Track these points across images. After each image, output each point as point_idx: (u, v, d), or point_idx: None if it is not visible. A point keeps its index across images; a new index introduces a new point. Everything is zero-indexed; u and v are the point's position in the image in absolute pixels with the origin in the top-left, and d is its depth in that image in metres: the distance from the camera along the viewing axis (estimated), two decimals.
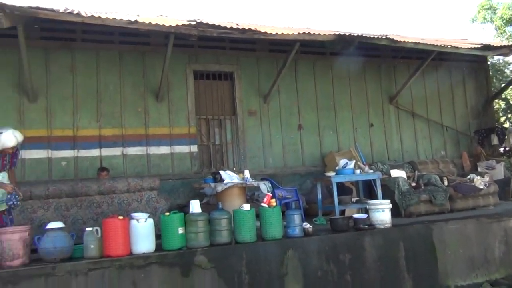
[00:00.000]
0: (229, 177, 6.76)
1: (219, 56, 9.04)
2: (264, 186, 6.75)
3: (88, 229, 5.04)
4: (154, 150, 8.38)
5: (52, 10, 5.39)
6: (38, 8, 5.31)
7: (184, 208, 7.39)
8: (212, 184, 6.67)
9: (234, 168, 8.41)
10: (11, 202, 4.84)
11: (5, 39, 7.43)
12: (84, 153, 7.95)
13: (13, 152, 5.01)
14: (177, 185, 8.40)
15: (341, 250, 5.69)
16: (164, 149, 8.44)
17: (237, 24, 6.43)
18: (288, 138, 9.37)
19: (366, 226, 5.96)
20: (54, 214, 5.71)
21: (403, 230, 6.12)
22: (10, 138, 4.81)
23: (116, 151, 8.15)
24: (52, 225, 4.89)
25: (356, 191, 8.05)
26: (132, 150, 8.24)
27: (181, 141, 8.57)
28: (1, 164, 4.92)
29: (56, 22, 7.21)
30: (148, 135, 8.36)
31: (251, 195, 8.03)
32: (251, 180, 6.81)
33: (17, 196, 4.91)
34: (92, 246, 4.91)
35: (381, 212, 6.03)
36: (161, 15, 7.06)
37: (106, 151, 8.07)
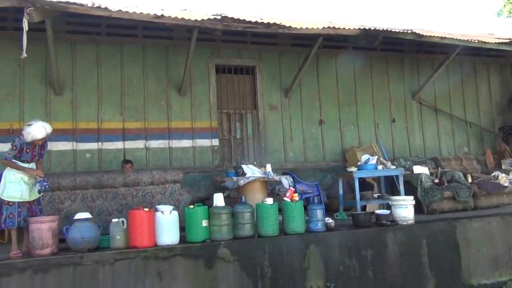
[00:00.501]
0: (251, 171, 6.80)
1: (241, 50, 9.05)
2: (286, 181, 6.76)
3: (114, 220, 5.14)
4: (176, 143, 8.47)
5: (81, 5, 5.49)
6: (67, 2, 5.42)
7: (205, 201, 7.48)
8: (234, 178, 6.72)
9: (255, 162, 8.45)
10: (43, 187, 4.95)
11: (32, 33, 7.49)
12: (108, 145, 8.08)
13: (42, 143, 5.13)
14: (198, 178, 8.48)
15: (363, 245, 5.69)
16: (186, 143, 8.52)
17: (261, 19, 6.42)
18: (309, 132, 9.36)
19: (389, 222, 5.94)
20: (81, 205, 5.84)
21: (426, 227, 6.09)
22: (39, 130, 4.93)
23: (139, 144, 8.26)
24: (80, 215, 5.01)
25: (377, 187, 8.00)
26: (155, 143, 8.34)
27: (202, 135, 8.64)
28: (31, 155, 5.04)
29: (82, 16, 7.34)
30: (171, 129, 8.45)
31: (272, 189, 8.05)
32: (273, 174, 6.84)
33: (47, 181, 5.02)
34: (118, 237, 5.02)
35: (404, 208, 6.01)
36: (185, 9, 7.11)
37: (130, 144, 8.19)
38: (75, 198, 5.83)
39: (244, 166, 6.85)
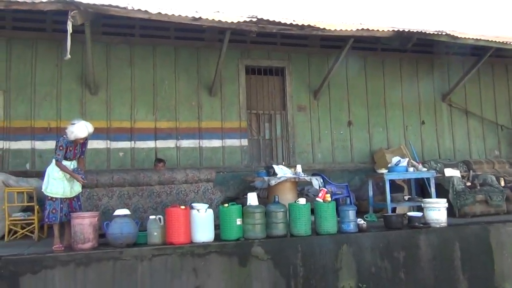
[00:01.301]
0: (282, 171, 6.87)
1: (270, 51, 9.13)
2: (316, 181, 6.81)
3: (151, 217, 5.29)
4: (206, 143, 8.60)
5: (123, 8, 5.65)
6: (109, 5, 5.59)
7: (234, 201, 7.59)
8: (266, 178, 6.80)
9: (283, 163, 8.50)
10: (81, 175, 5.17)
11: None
12: (140, 144, 8.27)
13: (83, 142, 5.32)
14: (228, 178, 8.58)
15: (395, 247, 5.70)
16: (216, 143, 8.65)
17: (294, 20, 6.48)
18: (337, 134, 9.37)
19: (421, 225, 5.92)
20: (117, 201, 6.00)
21: (459, 230, 6.06)
22: (82, 129, 5.11)
23: (170, 143, 8.42)
24: (119, 212, 5.17)
25: (407, 189, 7.97)
26: (186, 143, 8.49)
27: (232, 135, 8.75)
28: (73, 153, 5.23)
29: (118, 18, 7.53)
30: (201, 129, 8.58)
31: (301, 190, 8.09)
32: (303, 175, 6.89)
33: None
34: (155, 233, 5.16)
35: (437, 211, 5.99)
36: (218, 11, 7.22)
37: (161, 143, 8.36)
38: (112, 195, 6.00)
39: (275, 166, 6.93)
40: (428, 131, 9.94)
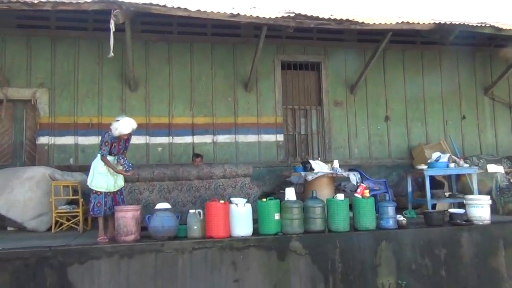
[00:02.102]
0: (319, 166, 6.85)
1: (306, 46, 9.10)
2: (354, 177, 6.75)
3: (191, 211, 5.39)
4: (242, 138, 8.67)
5: (164, 6, 5.77)
6: (151, 4, 5.72)
7: (270, 195, 7.62)
8: (303, 173, 6.79)
9: (319, 158, 8.48)
10: (128, 168, 5.32)
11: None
12: (178, 139, 8.43)
13: (127, 138, 5.47)
14: (263, 173, 8.63)
15: (437, 244, 5.59)
16: (251, 138, 8.71)
17: (331, 15, 6.43)
18: (374, 129, 9.25)
19: (463, 222, 5.78)
20: (158, 196, 6.15)
21: (503, 227, 5.88)
22: (126, 125, 5.26)
23: (207, 138, 8.55)
24: (160, 205, 5.30)
25: (447, 185, 7.78)
26: (222, 138, 8.59)
27: (268, 130, 8.78)
28: (117, 148, 5.39)
29: (156, 16, 7.68)
30: (237, 124, 8.66)
31: (337, 186, 8.05)
32: (341, 170, 6.84)
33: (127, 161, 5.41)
34: (195, 227, 5.26)
35: (480, 208, 5.83)
36: (254, 7, 7.25)
37: (198, 138, 8.50)
38: (152, 189, 6.15)
39: (312, 162, 6.91)
40: (469, 126, 9.67)
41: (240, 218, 5.28)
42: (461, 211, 5.91)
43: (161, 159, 8.32)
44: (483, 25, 6.77)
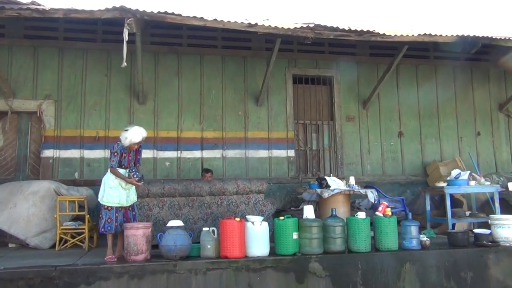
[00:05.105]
0: (335, 183, 6.59)
1: (318, 60, 8.91)
2: (372, 194, 6.49)
3: (204, 229, 5.11)
4: (253, 153, 8.42)
5: (179, 15, 5.57)
6: (166, 12, 5.53)
7: (280, 213, 7.34)
8: (318, 190, 6.53)
9: (331, 174, 8.21)
10: (135, 175, 5.09)
11: (118, 44, 7.84)
12: (186, 154, 8.18)
13: (137, 149, 5.23)
14: (274, 189, 8.36)
15: (462, 266, 5.31)
16: (262, 153, 8.46)
17: (348, 27, 6.24)
18: (387, 145, 9.01)
19: (490, 243, 5.50)
20: (168, 212, 5.87)
21: None
22: (136, 134, 5.04)
23: (217, 153, 8.29)
24: (172, 223, 5.02)
25: (465, 204, 7.51)
26: (232, 153, 8.34)
27: (279, 146, 8.54)
28: (127, 160, 5.15)
29: (166, 27, 7.51)
30: (247, 139, 8.42)
31: (352, 203, 7.77)
32: (357, 187, 6.58)
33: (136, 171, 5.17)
34: (209, 246, 4.98)
35: (507, 228, 5.56)
36: (267, 19, 7.08)
37: (207, 153, 8.24)
38: (163, 205, 5.88)
39: (327, 178, 6.65)
40: (484, 142, 9.43)
41: (257, 237, 5.01)
42: (487, 231, 5.63)
43: (169, 174, 8.05)
44: (508, 38, 6.59)
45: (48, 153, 7.66)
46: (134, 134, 5.04)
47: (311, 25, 5.98)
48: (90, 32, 8.00)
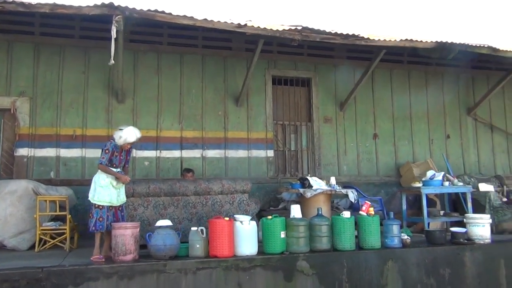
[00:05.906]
0: (316, 183, 6.71)
1: (297, 62, 9.04)
2: (352, 194, 6.65)
3: (193, 228, 5.11)
4: (232, 153, 8.45)
5: (170, 14, 5.53)
6: (156, 11, 5.47)
7: (260, 212, 7.40)
8: (301, 190, 6.62)
9: (309, 175, 8.34)
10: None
11: (97, 41, 7.72)
12: (166, 153, 8.11)
13: (128, 149, 5.18)
14: (253, 189, 8.22)
15: (441, 264, 5.53)
16: (241, 153, 8.50)
17: (334, 30, 6.38)
18: (363, 146, 9.25)
19: (466, 241, 5.76)
20: (153, 212, 5.82)
21: (505, 247, 5.89)
22: (131, 134, 4.99)
23: (196, 153, 8.27)
24: (161, 222, 4.99)
25: (439, 203, 7.81)
26: (211, 153, 8.34)
27: (258, 146, 8.61)
28: (118, 159, 5.09)
29: (146, 25, 7.41)
30: (227, 139, 8.44)
31: (331, 203, 7.93)
32: (339, 187, 6.73)
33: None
34: (198, 246, 4.98)
35: (481, 227, 5.84)
36: (250, 20, 7.12)
37: (187, 153, 8.21)
38: (147, 205, 5.82)
39: (309, 178, 6.76)
40: (453, 145, 9.83)
41: (246, 236, 5.05)
42: (463, 230, 5.89)
43: (148, 174, 7.97)
44: (482, 45, 6.93)
45: (22, 151, 7.42)
46: (129, 134, 4.99)
47: (299, 28, 6.08)
48: (68, 28, 7.80)
